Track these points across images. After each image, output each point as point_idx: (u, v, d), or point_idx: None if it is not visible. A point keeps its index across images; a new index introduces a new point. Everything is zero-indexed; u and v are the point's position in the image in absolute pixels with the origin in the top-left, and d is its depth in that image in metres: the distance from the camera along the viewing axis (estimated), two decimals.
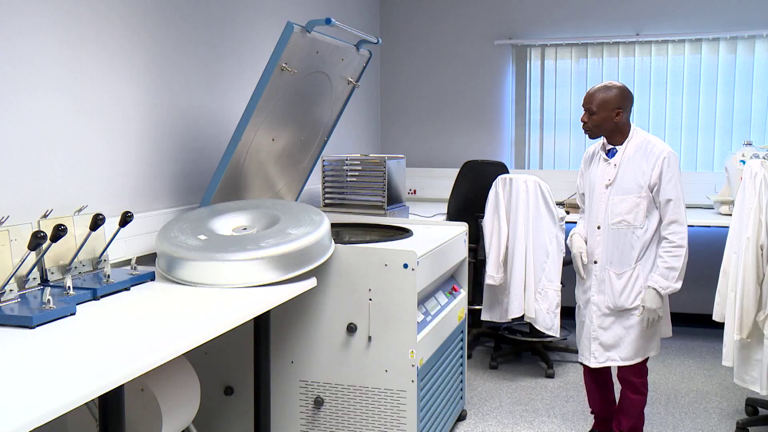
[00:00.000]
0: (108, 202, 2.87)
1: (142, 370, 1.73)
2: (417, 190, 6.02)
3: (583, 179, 3.40)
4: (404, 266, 2.89)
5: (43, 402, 1.46)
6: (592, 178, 3.28)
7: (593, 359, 3.32)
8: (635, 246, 3.17)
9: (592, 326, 3.30)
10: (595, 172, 3.27)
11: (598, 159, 3.27)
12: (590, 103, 3.16)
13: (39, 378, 1.61)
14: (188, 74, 3.37)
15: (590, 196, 3.30)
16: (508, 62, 5.89)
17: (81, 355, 1.79)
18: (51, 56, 2.57)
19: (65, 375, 1.63)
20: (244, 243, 2.65)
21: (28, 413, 1.40)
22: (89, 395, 1.55)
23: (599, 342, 3.29)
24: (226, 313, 2.22)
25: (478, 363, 4.78)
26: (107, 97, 2.86)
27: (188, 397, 2.47)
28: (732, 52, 5.35)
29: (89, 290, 2.32)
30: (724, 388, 4.28)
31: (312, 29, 3.02)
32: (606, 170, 3.21)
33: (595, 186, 3.25)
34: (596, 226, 3.25)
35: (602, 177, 3.22)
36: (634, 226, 3.16)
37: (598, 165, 3.26)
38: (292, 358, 3.08)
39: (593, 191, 3.26)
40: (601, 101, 3.14)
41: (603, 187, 3.21)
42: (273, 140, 3.36)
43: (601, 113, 3.14)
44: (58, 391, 1.52)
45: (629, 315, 3.22)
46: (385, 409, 2.98)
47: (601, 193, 3.22)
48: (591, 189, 3.29)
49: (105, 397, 1.72)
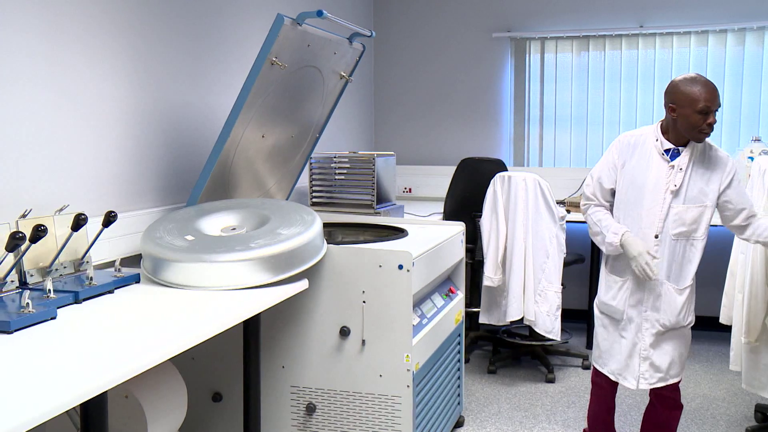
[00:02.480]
0: (91, 202, 2.86)
1: (127, 376, 1.73)
2: (412, 188, 6.02)
3: (618, 174, 3.06)
4: (399, 267, 2.88)
5: (21, 410, 1.45)
6: (641, 178, 2.99)
7: (643, 381, 3.09)
8: (693, 259, 3.03)
9: (643, 345, 3.07)
10: (647, 173, 2.98)
11: (649, 157, 2.99)
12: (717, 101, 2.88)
13: (17, 385, 1.60)
14: (174, 68, 3.36)
15: (638, 198, 3.01)
16: (506, 56, 5.89)
17: (62, 361, 1.78)
18: (30, 51, 2.56)
19: (45, 382, 1.62)
20: (233, 244, 2.64)
21: (6, 422, 1.39)
22: (71, 403, 1.54)
23: (650, 362, 3.07)
24: (214, 316, 2.22)
25: (476, 367, 4.79)
26: (89, 92, 2.85)
27: (175, 404, 2.46)
28: (740, 45, 5.36)
29: (71, 293, 2.31)
30: (732, 394, 4.29)
31: (303, 22, 3.02)
32: (670, 174, 2.95)
33: (649, 189, 2.98)
34: (653, 235, 2.99)
35: (664, 181, 2.95)
36: (695, 237, 3.00)
37: (653, 165, 2.98)
38: (283, 363, 3.07)
39: (643, 194, 2.99)
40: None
41: (664, 193, 2.96)
42: (263, 137, 3.36)
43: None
44: (38, 398, 1.51)
45: (683, 332, 3.09)
46: (379, 416, 2.97)
47: (660, 199, 2.97)
48: (639, 190, 3.00)
49: (87, 404, 1.71)
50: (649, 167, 2.99)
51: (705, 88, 2.86)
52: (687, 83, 2.89)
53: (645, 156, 3.00)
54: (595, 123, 5.72)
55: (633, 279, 3.06)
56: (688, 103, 2.86)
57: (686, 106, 2.87)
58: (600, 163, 3.14)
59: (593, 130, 5.73)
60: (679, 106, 2.89)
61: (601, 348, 3.21)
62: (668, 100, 2.94)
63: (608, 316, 3.16)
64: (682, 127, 2.92)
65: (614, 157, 3.07)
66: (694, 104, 2.85)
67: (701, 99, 2.84)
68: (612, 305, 3.12)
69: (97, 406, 1.78)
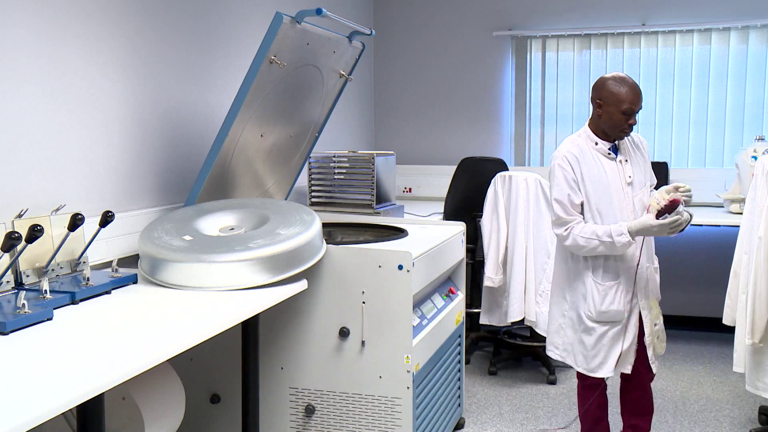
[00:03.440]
0: (87, 201, 2.86)
1: (124, 378, 1.72)
2: (412, 188, 6.02)
3: (579, 185, 3.09)
4: (399, 267, 2.88)
5: (17, 412, 1.45)
6: (602, 182, 3.08)
7: (654, 368, 3.20)
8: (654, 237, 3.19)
9: (647, 332, 3.15)
10: (604, 175, 3.08)
11: (597, 160, 3.10)
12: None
13: (13, 387, 1.60)
14: (172, 67, 3.36)
15: (608, 201, 3.08)
16: (507, 54, 5.89)
17: (58, 363, 1.78)
18: (27, 48, 2.56)
19: (41, 383, 1.62)
20: (232, 244, 2.64)
21: (2, 425, 1.39)
22: (67, 404, 1.54)
23: (654, 345, 3.19)
24: (212, 317, 2.22)
25: (477, 369, 4.78)
26: (86, 90, 2.85)
27: (172, 406, 2.46)
28: (743, 43, 5.36)
29: (67, 294, 2.31)
30: (736, 396, 4.28)
31: (302, 20, 3.02)
32: (620, 168, 3.11)
33: (613, 189, 3.08)
34: None
35: (619, 176, 3.10)
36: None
37: (605, 166, 3.09)
38: (282, 364, 3.07)
39: (610, 194, 3.08)
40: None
41: (624, 187, 3.10)
42: (262, 136, 3.36)
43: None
44: (34, 400, 1.51)
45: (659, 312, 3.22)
46: (379, 417, 2.97)
47: (624, 194, 3.09)
48: (605, 193, 3.08)
49: (84, 406, 1.71)
50: (603, 169, 3.10)
51: (632, 91, 3.01)
52: (615, 83, 3.03)
53: (594, 161, 3.11)
54: None
55: (625, 276, 3.12)
56: (614, 102, 3.01)
57: (612, 104, 3.02)
58: (558, 185, 3.11)
59: None
60: (605, 104, 3.04)
61: (597, 357, 3.16)
62: (595, 96, 3.09)
63: (605, 322, 3.14)
64: (605, 124, 3.08)
65: (570, 173, 3.09)
66: (619, 104, 3.00)
67: (626, 101, 2.99)
68: (611, 310, 3.11)
69: (93, 408, 1.77)
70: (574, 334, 3.20)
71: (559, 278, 3.28)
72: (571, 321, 3.21)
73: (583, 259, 3.14)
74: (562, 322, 3.25)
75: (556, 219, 3.11)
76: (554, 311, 3.31)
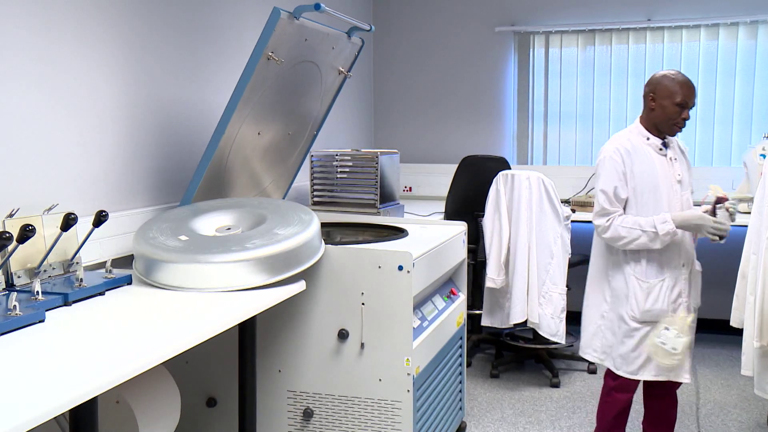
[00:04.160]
0: (81, 201, 2.85)
1: (118, 381, 1.72)
2: (413, 187, 6.02)
3: (628, 179, 3.10)
4: (399, 268, 2.88)
5: (8, 416, 1.44)
6: (652, 178, 3.09)
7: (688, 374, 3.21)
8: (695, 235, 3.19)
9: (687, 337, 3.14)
10: (656, 172, 3.10)
11: (649, 156, 3.11)
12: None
13: (4, 390, 1.60)
14: (168, 63, 3.36)
15: (657, 199, 3.10)
16: (510, 50, 5.89)
17: (50, 365, 1.77)
18: (19, 45, 2.55)
19: (33, 387, 1.62)
20: (228, 244, 2.64)
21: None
22: (60, 408, 1.53)
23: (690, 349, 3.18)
24: (208, 318, 2.21)
25: (479, 371, 4.78)
26: (79, 86, 2.84)
27: (168, 410, 2.45)
28: (752, 38, 5.35)
29: (60, 295, 2.30)
30: (744, 399, 4.28)
31: (300, 15, 3.02)
32: (671, 166, 3.14)
33: (664, 186, 3.10)
34: None
35: (669, 174, 3.13)
36: None
37: (656, 162, 3.11)
38: (280, 367, 3.07)
39: (660, 192, 3.10)
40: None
41: (673, 185, 3.13)
42: (259, 134, 3.35)
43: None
44: (25, 404, 1.50)
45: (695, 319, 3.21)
46: (378, 421, 2.97)
47: (674, 192, 3.13)
48: (655, 190, 3.10)
49: (77, 410, 1.70)
50: (654, 166, 3.11)
51: (686, 84, 3.07)
52: (669, 77, 3.10)
53: (646, 157, 3.12)
54: (601, 120, 5.71)
55: (670, 274, 3.13)
56: (668, 94, 3.06)
57: (666, 97, 3.07)
58: (607, 175, 3.12)
59: (599, 127, 5.73)
60: (659, 97, 3.09)
61: (639, 358, 3.16)
62: (648, 91, 3.14)
63: (649, 323, 3.13)
64: (657, 118, 3.11)
65: (620, 165, 3.11)
66: (673, 96, 3.05)
67: (680, 93, 3.05)
68: (656, 309, 3.12)
69: (87, 412, 1.77)
70: (614, 336, 3.20)
71: (598, 278, 3.27)
72: (611, 323, 3.22)
73: (623, 255, 3.14)
74: (602, 324, 3.25)
75: (599, 210, 3.13)
76: (592, 313, 3.30)
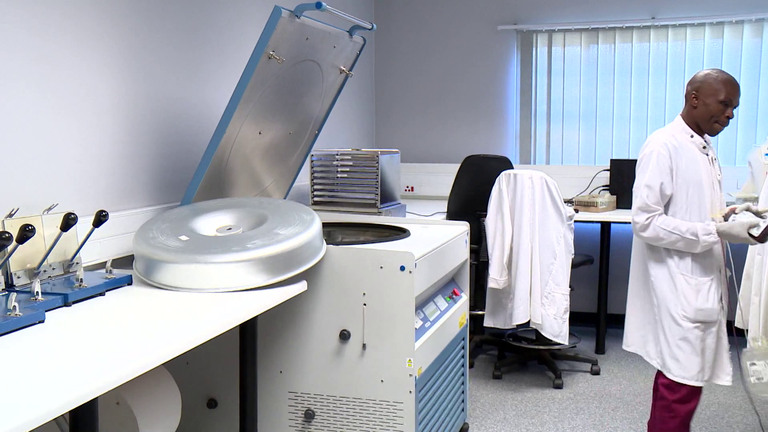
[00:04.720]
0: (80, 201, 2.85)
1: (118, 382, 1.72)
2: (414, 187, 6.02)
3: (674, 176, 3.05)
4: (401, 269, 2.88)
5: (8, 418, 1.44)
6: (696, 176, 3.05)
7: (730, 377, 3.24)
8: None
9: (726, 339, 3.18)
10: (699, 170, 3.06)
11: (693, 154, 3.07)
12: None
13: (3, 392, 1.60)
14: (168, 62, 3.36)
15: (700, 197, 3.07)
16: (512, 49, 5.89)
17: (50, 366, 1.77)
18: (16, 44, 2.56)
19: (33, 388, 1.62)
20: (229, 244, 2.64)
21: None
22: (60, 409, 1.54)
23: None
24: (209, 319, 2.21)
25: (481, 372, 4.78)
26: (78, 85, 2.84)
27: (168, 411, 2.46)
28: (757, 36, 5.34)
29: (60, 296, 2.30)
30: (749, 401, 4.28)
31: (301, 14, 3.02)
32: (712, 165, 3.13)
33: (706, 185, 3.07)
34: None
35: (713, 172, 3.12)
36: None
37: (699, 161, 3.07)
38: (281, 368, 3.07)
39: (703, 191, 3.06)
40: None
41: (714, 183, 3.12)
42: (260, 134, 3.35)
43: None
44: (25, 405, 1.50)
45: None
46: (380, 422, 2.97)
47: (714, 191, 3.11)
48: (699, 189, 3.06)
49: (77, 411, 1.70)
50: (698, 164, 3.08)
51: (731, 82, 3.04)
52: (713, 74, 3.07)
53: (691, 154, 3.08)
54: (605, 119, 5.71)
55: (716, 275, 3.12)
56: (712, 92, 3.04)
57: (709, 95, 3.05)
58: (653, 170, 3.05)
59: (602, 126, 5.73)
60: (702, 95, 3.06)
61: (707, 360, 3.12)
62: (691, 89, 3.11)
63: (702, 323, 3.08)
64: (700, 116, 3.08)
65: (667, 161, 3.05)
66: (717, 94, 3.03)
67: (724, 90, 3.02)
68: (707, 308, 3.07)
69: (87, 413, 1.77)
70: (667, 341, 3.11)
71: (641, 281, 3.21)
72: (663, 327, 3.12)
73: (665, 252, 3.08)
74: (654, 328, 3.17)
75: (642, 205, 3.04)
76: (647, 317, 3.21)
